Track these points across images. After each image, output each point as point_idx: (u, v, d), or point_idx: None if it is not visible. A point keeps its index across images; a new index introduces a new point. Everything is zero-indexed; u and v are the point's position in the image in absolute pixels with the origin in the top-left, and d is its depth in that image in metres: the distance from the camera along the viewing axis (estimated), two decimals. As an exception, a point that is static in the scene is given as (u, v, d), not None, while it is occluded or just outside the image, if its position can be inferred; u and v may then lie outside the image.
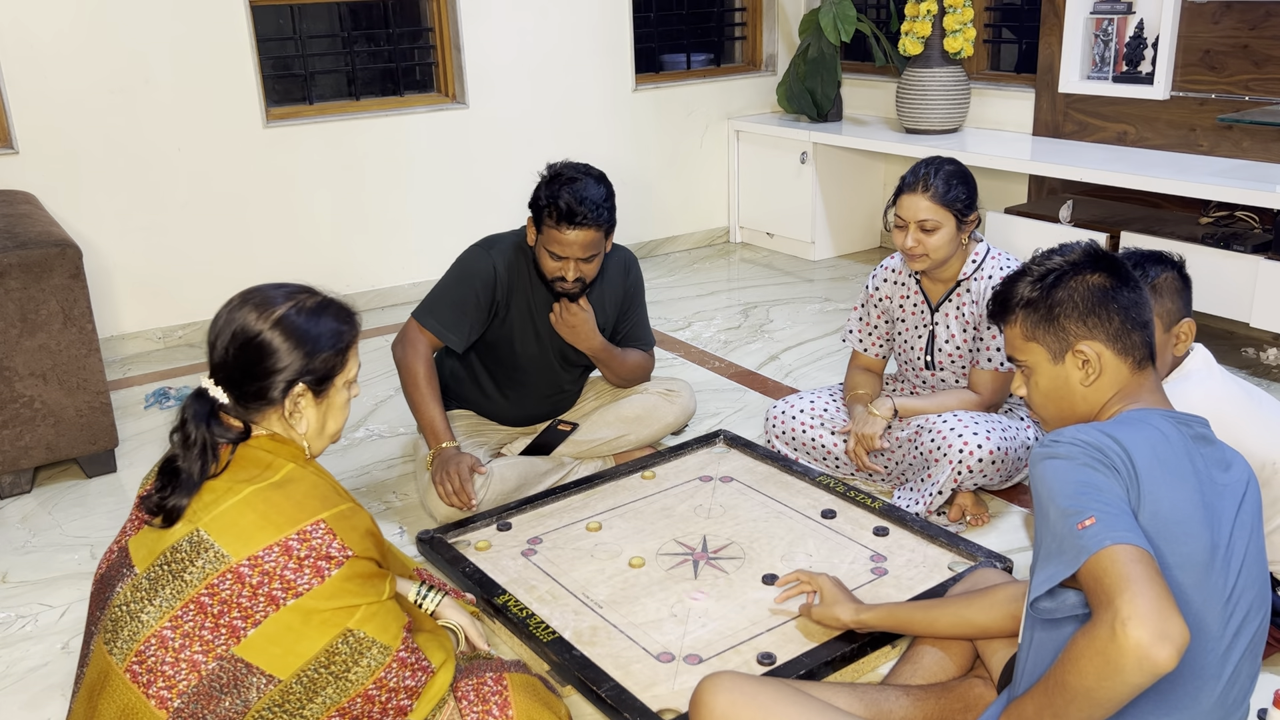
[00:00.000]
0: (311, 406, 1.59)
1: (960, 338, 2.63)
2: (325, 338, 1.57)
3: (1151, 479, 1.30)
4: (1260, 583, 1.38)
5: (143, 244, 3.98)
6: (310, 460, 1.62)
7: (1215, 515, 1.33)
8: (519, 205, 4.61)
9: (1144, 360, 1.45)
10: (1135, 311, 1.45)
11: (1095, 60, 4.10)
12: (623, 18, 4.82)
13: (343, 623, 1.48)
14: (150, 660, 1.45)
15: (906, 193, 2.53)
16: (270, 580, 1.45)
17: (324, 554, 1.48)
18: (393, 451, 3.15)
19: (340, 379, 1.62)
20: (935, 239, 2.51)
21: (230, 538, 1.46)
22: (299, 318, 1.56)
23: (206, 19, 3.91)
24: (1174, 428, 1.37)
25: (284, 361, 1.54)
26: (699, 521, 2.55)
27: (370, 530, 1.58)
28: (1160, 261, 1.97)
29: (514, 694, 1.64)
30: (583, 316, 2.67)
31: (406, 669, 1.54)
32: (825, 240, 5.04)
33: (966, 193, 2.51)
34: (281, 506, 1.49)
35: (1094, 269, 1.45)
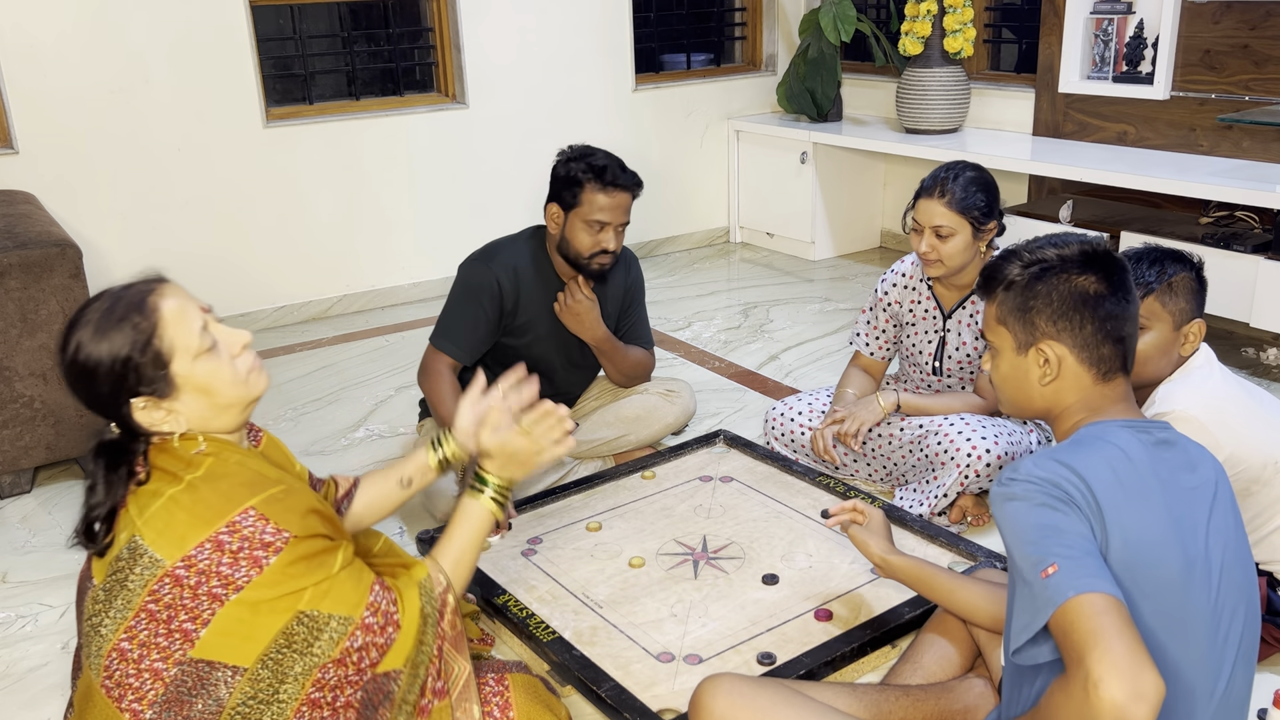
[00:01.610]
0: (173, 403, 1.47)
1: (971, 345, 2.62)
2: (121, 349, 1.43)
3: (1115, 506, 1.26)
4: (1244, 583, 1.36)
5: (143, 244, 3.98)
6: (235, 446, 1.54)
7: (1187, 528, 1.30)
8: (519, 205, 4.61)
9: (1112, 373, 1.40)
10: (1113, 323, 1.39)
11: (1095, 60, 4.10)
12: (623, 18, 4.82)
13: (292, 607, 1.44)
14: (117, 674, 1.43)
15: (924, 197, 2.49)
16: (208, 578, 1.41)
17: (259, 542, 1.42)
18: (393, 451, 3.15)
19: (178, 365, 1.46)
20: (950, 246, 2.48)
21: (163, 541, 1.42)
22: (88, 345, 1.43)
23: (206, 19, 3.91)
24: (1134, 439, 1.33)
25: (104, 389, 1.45)
26: (699, 521, 2.55)
27: (313, 507, 1.50)
28: (1180, 261, 1.97)
29: (515, 694, 1.64)
30: (587, 304, 2.67)
31: (371, 632, 1.48)
32: (825, 240, 5.04)
33: (985, 200, 2.47)
34: (208, 500, 1.43)
35: (1085, 270, 1.40)
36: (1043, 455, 1.31)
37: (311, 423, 3.37)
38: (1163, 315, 1.93)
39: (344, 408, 3.47)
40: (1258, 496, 1.96)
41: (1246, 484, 1.94)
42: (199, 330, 1.47)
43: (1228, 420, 1.92)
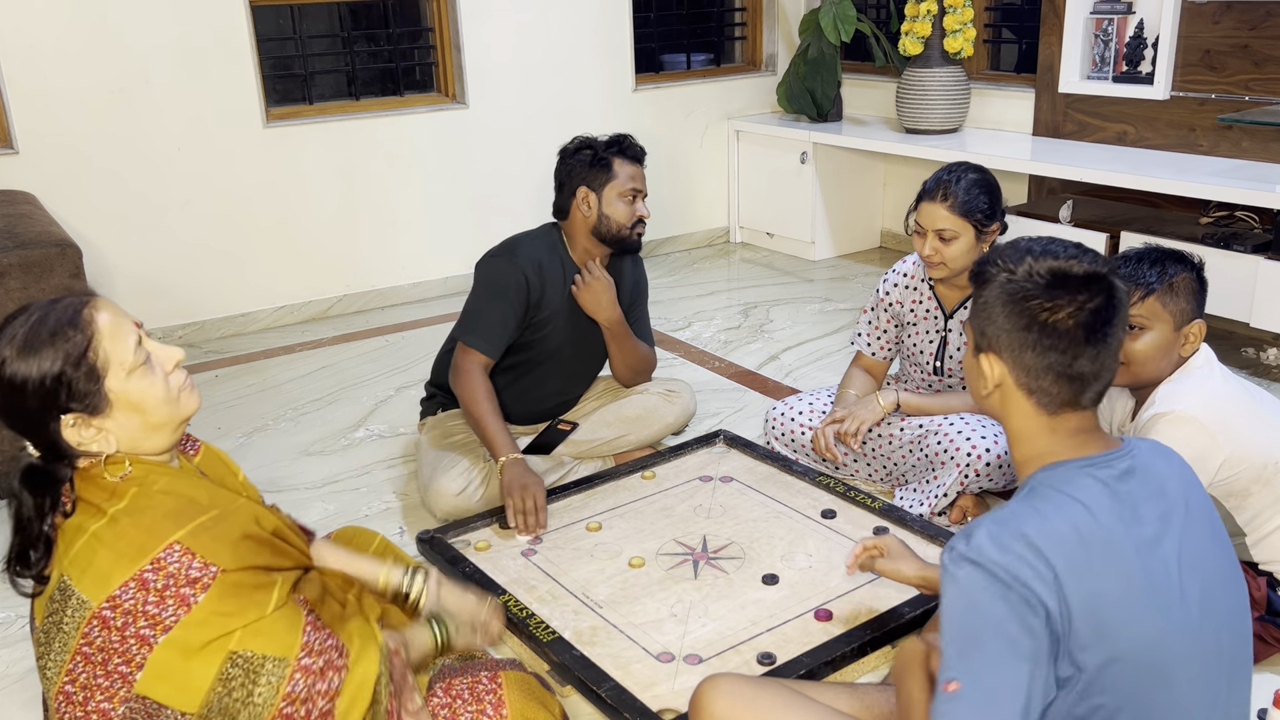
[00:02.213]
0: (105, 420, 1.41)
1: None
2: (52, 363, 1.36)
3: (1079, 574, 1.20)
4: (1228, 601, 1.32)
5: (143, 244, 3.98)
6: (165, 469, 1.47)
7: (1159, 574, 1.24)
8: (519, 204, 4.61)
9: (1060, 408, 1.31)
10: (1062, 359, 1.28)
11: (1095, 60, 4.10)
12: (623, 18, 4.82)
13: (224, 647, 1.37)
14: (66, 717, 1.39)
15: (926, 200, 2.48)
16: (134, 619, 1.34)
17: (185, 579, 1.36)
18: (393, 451, 3.15)
19: (111, 380, 1.40)
20: (953, 249, 2.48)
21: (87, 581, 1.36)
22: (13, 361, 1.36)
23: (206, 19, 3.91)
24: (1095, 485, 1.26)
25: (32, 406, 1.37)
26: (699, 521, 2.55)
27: (248, 534, 1.44)
28: (1181, 261, 1.97)
29: (508, 692, 1.63)
30: (604, 283, 2.70)
31: (313, 675, 1.43)
32: (825, 240, 5.04)
33: (988, 203, 2.46)
34: (130, 536, 1.36)
35: (1049, 294, 1.28)
36: (1002, 524, 1.22)
37: (311, 423, 3.37)
38: (1163, 315, 1.93)
39: (344, 408, 3.47)
40: (1258, 496, 1.96)
41: (1247, 484, 1.94)
42: (133, 345, 1.42)
43: (1228, 420, 1.92)
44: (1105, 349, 1.29)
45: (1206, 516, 1.35)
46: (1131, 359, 1.96)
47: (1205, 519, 1.35)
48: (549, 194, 2.72)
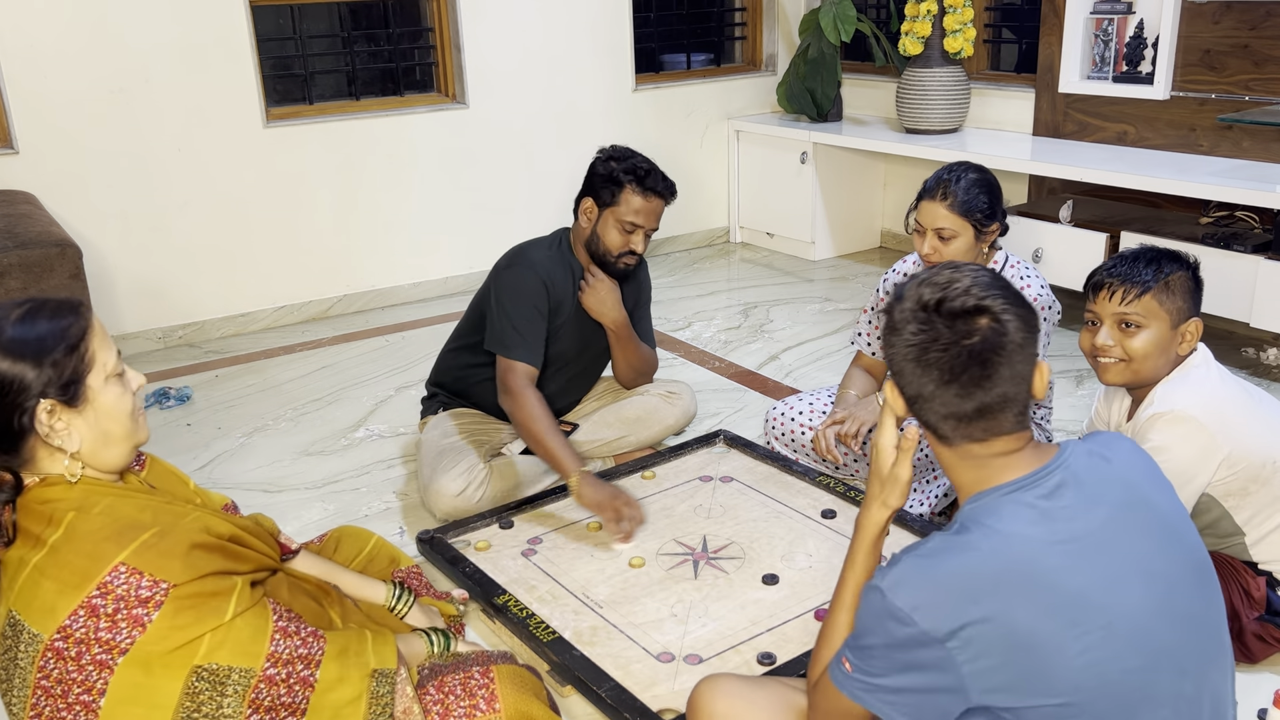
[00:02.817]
0: (75, 418, 1.40)
1: None
2: (48, 340, 1.37)
3: (991, 623, 1.19)
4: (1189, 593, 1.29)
5: (143, 244, 3.98)
6: (107, 486, 1.45)
7: (1095, 591, 1.22)
8: (519, 205, 4.62)
9: (958, 440, 1.29)
10: (950, 402, 1.26)
11: (1095, 60, 4.10)
12: (623, 18, 4.82)
13: (188, 661, 1.36)
14: None
15: (926, 199, 2.48)
16: (88, 647, 1.32)
17: (135, 599, 1.33)
18: (393, 451, 3.15)
19: (93, 378, 1.41)
20: (952, 248, 2.47)
21: (35, 614, 1.33)
22: (9, 329, 1.37)
23: (206, 19, 3.91)
24: (1022, 511, 1.24)
25: (11, 382, 1.35)
26: (699, 521, 2.55)
27: (197, 543, 1.41)
28: (1176, 260, 1.98)
29: (500, 686, 1.63)
30: (609, 286, 2.70)
31: (279, 686, 1.42)
32: (825, 240, 5.04)
33: (988, 203, 2.46)
34: (72, 564, 1.34)
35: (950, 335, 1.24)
36: (920, 562, 1.23)
37: (311, 423, 3.37)
38: (1159, 313, 1.94)
39: (344, 408, 3.47)
40: (1256, 496, 1.96)
41: (1245, 483, 1.94)
42: (115, 354, 1.45)
43: (1226, 419, 1.92)
44: (984, 389, 1.25)
45: (1162, 514, 1.31)
46: (1130, 356, 1.96)
47: (1159, 517, 1.31)
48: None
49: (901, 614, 1.21)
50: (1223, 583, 1.97)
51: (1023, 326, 1.26)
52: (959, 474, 1.34)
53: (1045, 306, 2.52)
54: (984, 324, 1.24)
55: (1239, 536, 2.00)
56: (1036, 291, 2.52)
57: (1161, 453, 1.91)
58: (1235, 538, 2.00)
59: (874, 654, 1.26)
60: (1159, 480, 1.36)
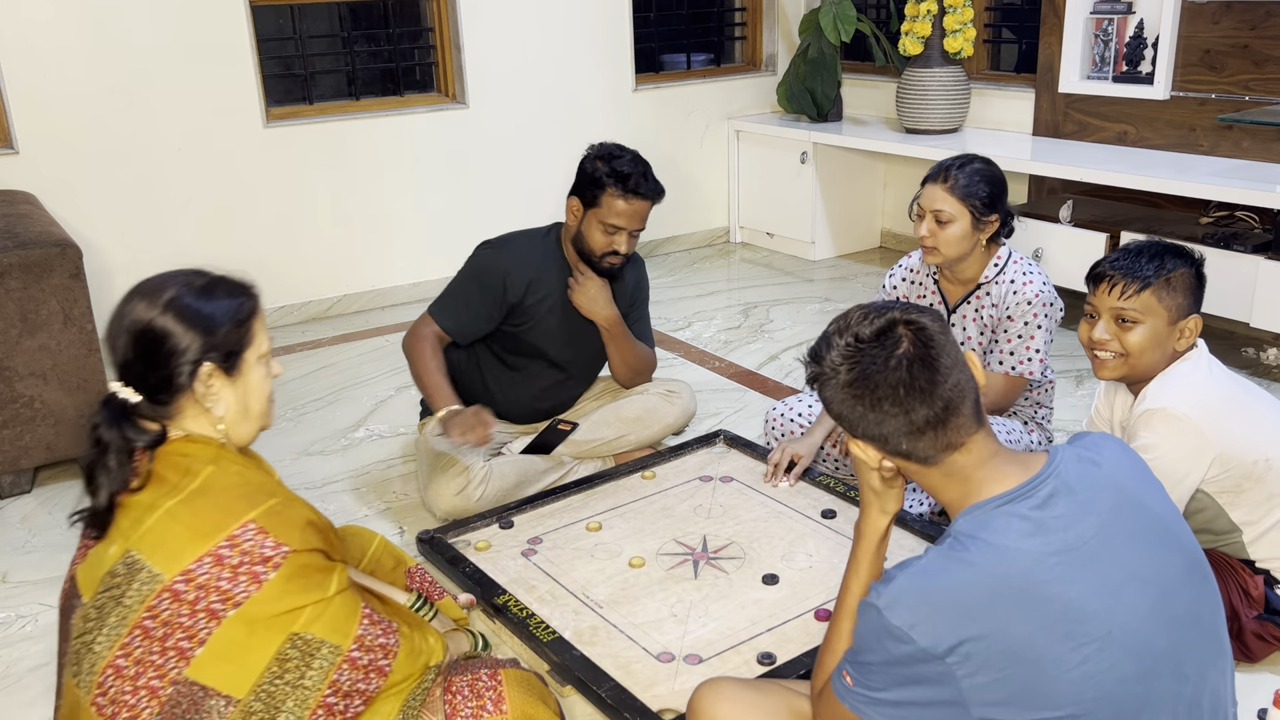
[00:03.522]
0: (226, 386, 1.52)
1: (976, 340, 2.62)
2: (222, 312, 1.51)
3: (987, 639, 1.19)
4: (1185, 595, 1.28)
5: (143, 244, 3.98)
6: (236, 455, 1.56)
7: (1091, 599, 1.22)
8: (519, 204, 4.61)
9: (943, 454, 1.30)
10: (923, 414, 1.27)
11: (1095, 60, 4.10)
12: (623, 18, 4.82)
13: (288, 627, 1.43)
14: (111, 691, 1.41)
15: (930, 182, 2.52)
16: (207, 593, 1.39)
17: (258, 557, 1.41)
18: (393, 451, 3.15)
19: (250, 354, 1.54)
20: (948, 232, 2.49)
21: (161, 555, 1.40)
22: (190, 297, 1.49)
23: (206, 19, 3.91)
24: (1014, 523, 1.24)
25: (184, 342, 1.47)
26: (699, 521, 2.55)
27: (311, 520, 1.51)
28: (1181, 256, 1.96)
29: (508, 689, 1.64)
30: (599, 284, 2.71)
31: (359, 669, 1.48)
32: (825, 240, 5.04)
33: (989, 192, 2.48)
34: (207, 513, 1.43)
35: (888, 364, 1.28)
36: (915, 579, 1.22)
37: (311, 423, 3.37)
38: (1158, 310, 1.94)
39: (344, 408, 3.47)
40: (1251, 493, 1.96)
41: (1239, 480, 1.94)
42: (269, 340, 1.60)
43: (1218, 416, 1.92)
44: (938, 384, 1.27)
45: (1154, 515, 1.31)
46: (1126, 351, 1.97)
47: (1152, 518, 1.31)
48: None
49: (899, 632, 1.21)
50: (1221, 582, 1.97)
51: (933, 318, 1.32)
52: (946, 493, 1.35)
53: (1047, 303, 2.52)
54: (902, 331, 1.29)
55: (1235, 534, 2.00)
56: (1039, 288, 2.52)
57: (1151, 450, 1.91)
58: (1232, 535, 2.00)
59: (874, 669, 1.27)
60: (1149, 480, 1.36)
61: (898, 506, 1.46)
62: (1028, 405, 2.71)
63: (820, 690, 1.40)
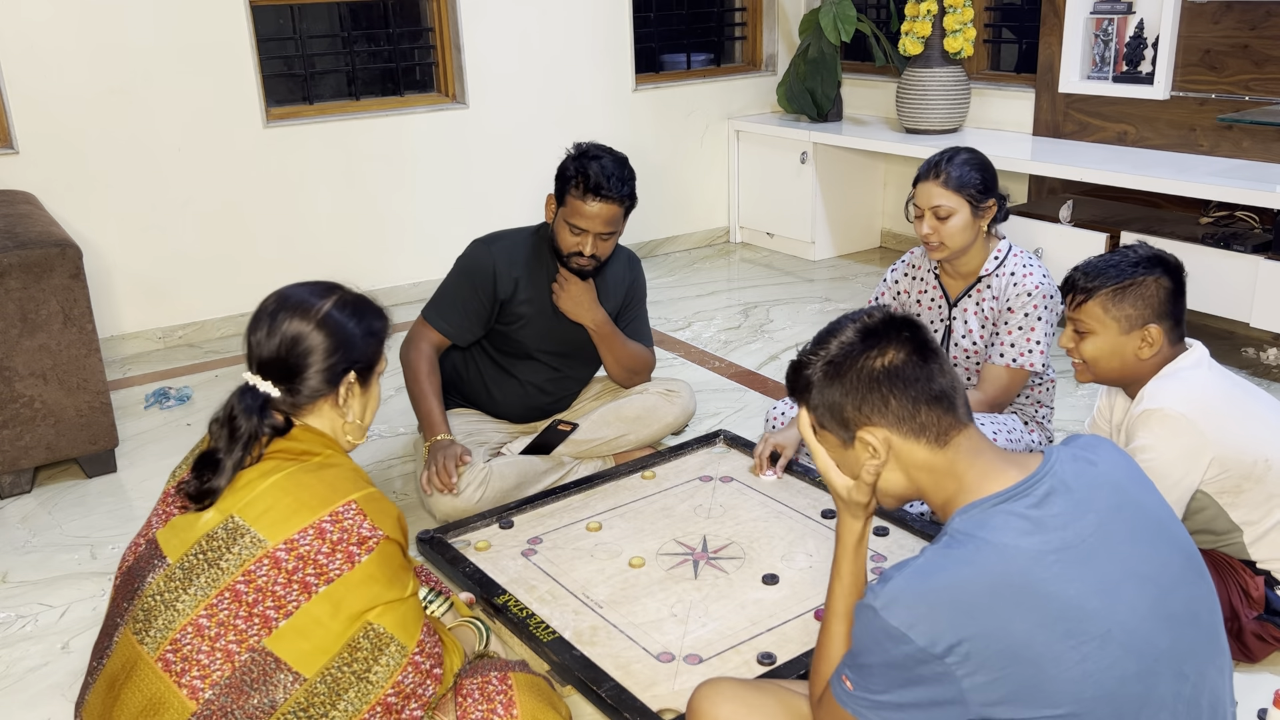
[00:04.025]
0: (357, 396, 1.66)
1: (978, 333, 2.63)
2: (366, 330, 1.66)
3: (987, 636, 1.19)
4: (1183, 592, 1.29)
5: (143, 244, 3.98)
6: (343, 451, 1.66)
7: (1091, 597, 1.22)
8: (519, 204, 4.61)
9: (944, 434, 1.32)
10: (918, 387, 1.31)
11: (1095, 60, 4.10)
12: (623, 18, 4.82)
13: (366, 617, 1.50)
14: (186, 649, 1.45)
15: (922, 180, 2.54)
16: (305, 565, 1.47)
17: (355, 537, 1.50)
18: (393, 451, 3.15)
19: (379, 369, 1.71)
20: (950, 226, 2.51)
21: (266, 522, 1.48)
22: (342, 313, 1.64)
23: (206, 19, 3.91)
24: (1012, 521, 1.25)
25: (335, 354, 1.61)
26: (699, 521, 2.55)
27: (399, 517, 1.60)
28: (1151, 264, 1.97)
29: (519, 693, 1.65)
30: (583, 287, 2.71)
31: (421, 674, 1.53)
32: (825, 240, 5.04)
33: (981, 179, 2.51)
34: (314, 488, 1.52)
35: (869, 347, 1.34)
36: (913, 579, 1.22)
37: (311, 423, 3.36)
38: (1105, 320, 1.97)
39: (344, 408, 3.47)
40: (1250, 493, 1.96)
41: (1238, 480, 1.94)
42: (386, 359, 1.74)
43: (1215, 416, 1.92)
44: (942, 360, 1.35)
45: (1150, 513, 1.32)
46: (1085, 360, 2.03)
47: (1149, 517, 1.31)
48: (548, 194, 2.73)
49: (897, 633, 1.21)
50: (1221, 582, 1.97)
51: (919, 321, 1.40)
52: (939, 494, 1.35)
53: (1047, 295, 2.53)
54: (902, 322, 1.37)
55: (1236, 534, 1.99)
56: (1039, 280, 2.54)
57: (1149, 451, 1.91)
58: (1232, 535, 2.00)
59: (873, 672, 1.26)
60: (1143, 480, 1.36)
61: (867, 502, 1.45)
62: (1028, 404, 2.71)
63: (820, 696, 1.40)
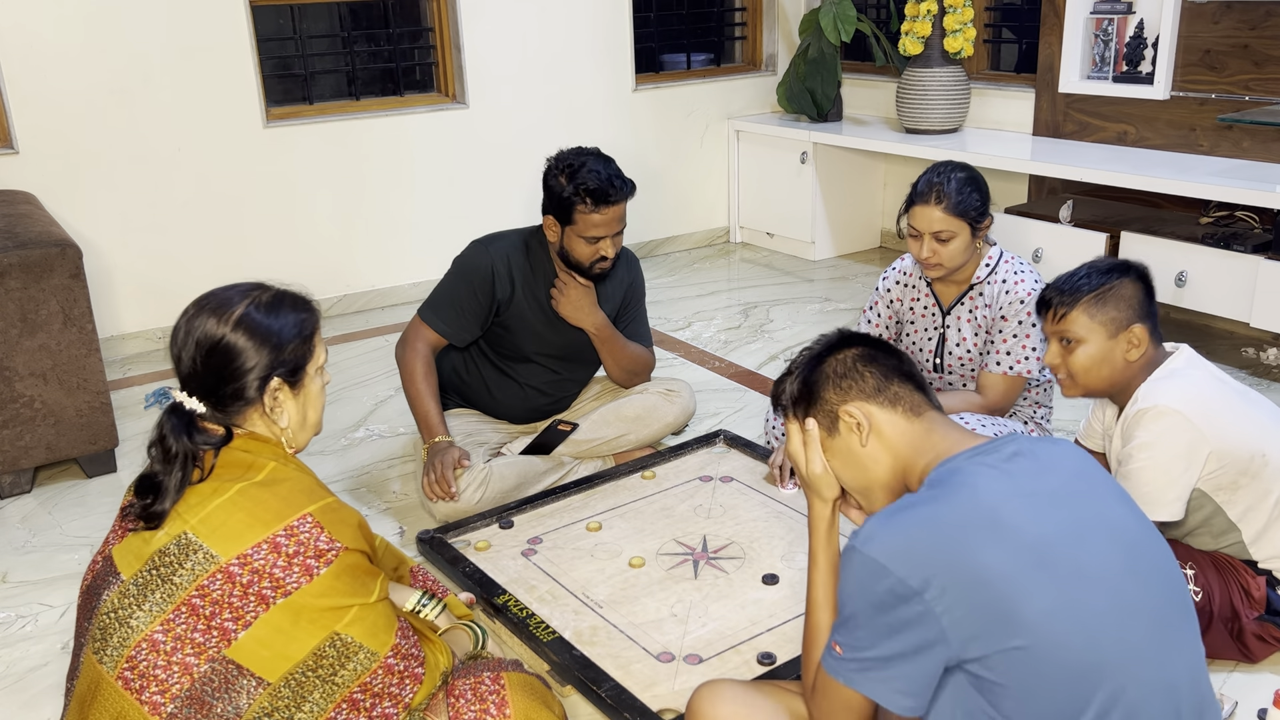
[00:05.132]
0: (290, 399, 1.59)
1: (971, 341, 2.63)
2: (289, 328, 1.57)
3: (957, 565, 1.24)
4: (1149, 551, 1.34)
5: (143, 244, 3.98)
6: (292, 457, 1.62)
7: (1057, 539, 1.27)
8: (519, 205, 4.61)
9: (917, 406, 1.45)
10: (889, 364, 1.47)
11: (1095, 60, 4.10)
12: (623, 18, 4.82)
13: (331, 625, 1.47)
14: (142, 665, 1.43)
15: (919, 203, 2.50)
16: (260, 579, 1.44)
17: (313, 550, 1.47)
18: (393, 451, 3.15)
19: (311, 366, 1.61)
20: (950, 248, 2.49)
21: (219, 538, 1.45)
22: (259, 314, 1.55)
23: (206, 19, 3.91)
24: (984, 468, 1.33)
25: (254, 359, 1.53)
26: (699, 521, 2.55)
27: (360, 523, 1.58)
28: (1114, 271, 2.00)
29: (511, 693, 1.64)
30: (581, 290, 2.70)
31: (394, 675, 1.52)
32: (825, 240, 5.04)
33: (980, 200, 2.49)
34: (268, 503, 1.48)
35: (840, 348, 1.51)
36: (891, 516, 1.30)
37: (311, 423, 3.36)
38: (1092, 326, 1.98)
39: (344, 408, 3.47)
40: (1247, 490, 1.96)
41: (1235, 477, 1.95)
42: (325, 351, 1.66)
43: (1211, 412, 1.94)
44: (907, 358, 1.51)
45: (1109, 489, 1.39)
46: (1073, 372, 2.02)
47: (1109, 489, 1.38)
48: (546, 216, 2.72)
49: (877, 566, 1.26)
50: (1222, 582, 1.98)
51: None
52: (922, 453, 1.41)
53: None
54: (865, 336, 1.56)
55: (1235, 533, 1.99)
56: (1030, 286, 2.53)
57: (1149, 449, 1.92)
58: (1231, 535, 2.00)
59: (859, 623, 1.30)
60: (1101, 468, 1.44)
61: (831, 491, 1.53)
62: (1027, 405, 2.71)
63: (813, 683, 1.42)
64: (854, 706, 1.33)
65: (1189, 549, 2.03)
